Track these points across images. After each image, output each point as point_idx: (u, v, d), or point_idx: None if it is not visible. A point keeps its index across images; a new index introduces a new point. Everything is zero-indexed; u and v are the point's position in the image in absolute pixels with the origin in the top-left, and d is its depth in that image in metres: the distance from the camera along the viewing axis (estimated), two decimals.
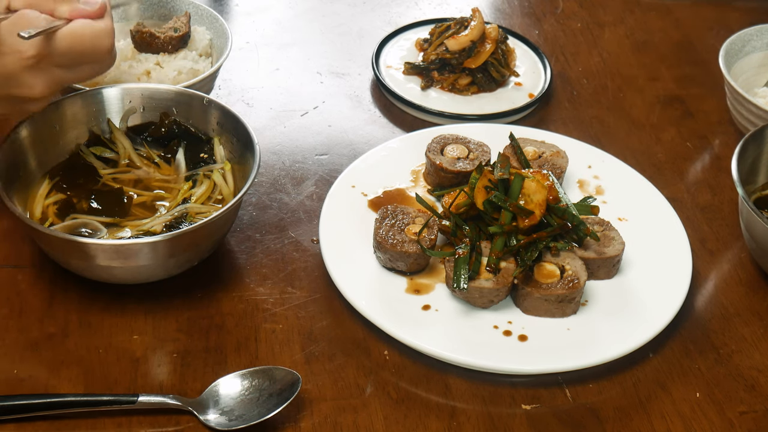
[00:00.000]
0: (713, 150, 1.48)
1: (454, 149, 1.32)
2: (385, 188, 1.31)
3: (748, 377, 1.15)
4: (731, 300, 1.24)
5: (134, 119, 1.28)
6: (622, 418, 1.09)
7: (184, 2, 1.49)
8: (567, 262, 1.17)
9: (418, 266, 1.20)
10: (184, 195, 1.21)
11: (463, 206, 1.21)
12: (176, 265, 1.14)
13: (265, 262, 1.23)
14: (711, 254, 1.30)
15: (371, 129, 1.47)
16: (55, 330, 1.12)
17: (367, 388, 1.10)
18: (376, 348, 1.14)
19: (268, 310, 1.17)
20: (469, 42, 1.51)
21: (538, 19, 1.74)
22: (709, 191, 1.40)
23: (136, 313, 1.15)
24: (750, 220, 1.21)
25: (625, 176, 1.36)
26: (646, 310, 1.17)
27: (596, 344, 1.13)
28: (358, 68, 1.58)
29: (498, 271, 1.16)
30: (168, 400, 1.04)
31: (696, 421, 1.09)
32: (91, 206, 1.19)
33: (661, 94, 1.58)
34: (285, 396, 1.04)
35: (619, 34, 1.72)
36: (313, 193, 1.34)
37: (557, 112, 1.53)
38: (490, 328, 1.15)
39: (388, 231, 1.20)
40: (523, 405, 1.09)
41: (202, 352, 1.11)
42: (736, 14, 1.77)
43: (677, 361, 1.16)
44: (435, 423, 1.07)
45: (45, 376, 1.08)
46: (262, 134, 1.42)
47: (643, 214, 1.30)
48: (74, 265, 1.13)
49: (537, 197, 1.18)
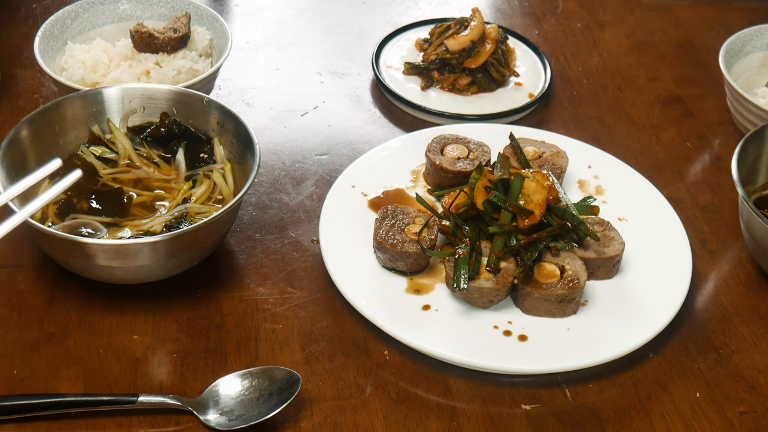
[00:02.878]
0: (713, 150, 1.48)
1: (454, 149, 1.32)
2: (385, 188, 1.31)
3: (748, 377, 1.15)
4: (731, 300, 1.24)
5: (134, 119, 1.28)
6: (622, 418, 1.09)
7: (184, 2, 1.49)
8: (567, 262, 1.17)
9: (418, 266, 1.20)
10: (184, 195, 1.21)
11: (463, 206, 1.21)
12: (176, 265, 1.14)
13: (265, 262, 1.23)
14: (711, 254, 1.30)
15: (371, 129, 1.47)
16: (55, 330, 1.12)
17: (367, 388, 1.10)
18: (376, 348, 1.14)
19: (268, 310, 1.17)
20: (469, 42, 1.51)
21: (538, 19, 1.74)
22: (709, 191, 1.40)
23: (136, 313, 1.15)
24: (750, 220, 1.21)
25: (625, 176, 1.36)
26: (646, 310, 1.17)
27: (596, 344, 1.13)
28: (358, 68, 1.58)
29: (498, 271, 1.16)
30: (168, 400, 1.04)
31: (696, 421, 1.09)
32: (91, 206, 1.19)
33: (661, 94, 1.58)
34: (285, 396, 1.04)
35: (619, 34, 1.72)
36: (313, 193, 1.34)
37: (557, 112, 1.53)
38: (490, 328, 1.15)
39: (388, 231, 1.20)
40: (523, 405, 1.09)
41: (202, 352, 1.11)
42: (736, 14, 1.77)
43: (677, 361, 1.16)
44: (435, 423, 1.07)
45: (45, 376, 1.08)
46: (262, 134, 1.42)
47: (643, 214, 1.30)
48: (74, 265, 1.13)
49: (537, 197, 1.18)
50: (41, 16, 1.60)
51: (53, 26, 1.42)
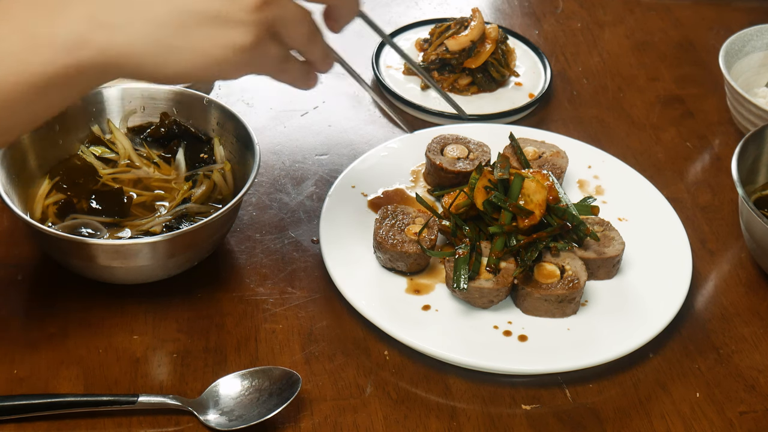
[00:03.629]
0: (713, 150, 1.48)
1: (454, 149, 1.32)
2: (385, 188, 1.31)
3: (748, 377, 1.15)
4: (731, 300, 1.24)
5: (134, 119, 1.28)
6: (622, 418, 1.09)
7: None
8: (567, 262, 1.17)
9: (418, 266, 1.20)
10: (184, 195, 1.21)
11: (463, 206, 1.21)
12: (176, 265, 1.14)
13: (265, 262, 1.23)
14: (711, 254, 1.30)
15: (371, 129, 1.47)
16: (55, 330, 1.12)
17: (367, 388, 1.10)
18: (376, 348, 1.14)
19: (268, 310, 1.17)
20: (469, 42, 1.51)
21: (538, 19, 1.74)
22: (709, 191, 1.40)
23: (136, 313, 1.15)
24: (750, 220, 1.21)
25: (625, 176, 1.36)
26: (646, 310, 1.17)
27: (596, 344, 1.13)
28: (358, 68, 1.56)
29: (498, 272, 1.16)
30: (168, 401, 1.04)
31: (696, 421, 1.09)
32: (91, 206, 1.19)
33: (661, 94, 1.58)
34: (285, 396, 1.04)
35: (619, 34, 1.72)
36: (313, 193, 1.34)
37: (557, 112, 1.53)
38: (490, 328, 1.15)
39: (388, 231, 1.20)
40: (523, 405, 1.09)
41: (202, 352, 1.11)
42: (736, 14, 1.77)
43: (677, 361, 1.16)
44: (435, 423, 1.07)
45: (45, 376, 1.08)
46: (262, 134, 1.42)
47: (643, 214, 1.30)
48: (74, 265, 1.13)
49: (537, 197, 1.18)
50: None
51: None
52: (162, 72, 0.89)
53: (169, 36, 0.87)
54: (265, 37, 0.91)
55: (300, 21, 0.93)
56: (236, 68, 0.91)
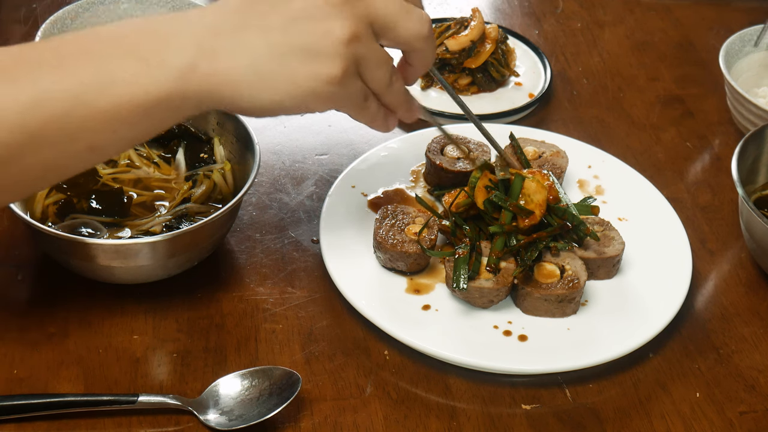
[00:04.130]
0: (713, 150, 1.48)
1: (454, 149, 1.32)
2: (385, 188, 1.31)
3: (748, 377, 1.15)
4: (731, 300, 1.24)
5: None
6: (622, 418, 1.09)
7: (184, 2, 1.49)
8: (567, 262, 1.17)
9: (418, 266, 1.20)
10: (184, 195, 1.21)
11: (463, 206, 1.21)
12: (176, 265, 1.14)
13: (265, 262, 1.23)
14: (711, 254, 1.30)
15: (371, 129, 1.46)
16: (55, 330, 1.12)
17: (367, 388, 1.10)
18: (376, 348, 1.14)
19: (268, 310, 1.17)
20: (469, 42, 1.51)
21: (538, 19, 1.74)
22: (709, 191, 1.40)
23: (136, 313, 1.15)
24: (750, 220, 1.21)
25: (625, 176, 1.36)
26: (646, 310, 1.17)
27: (596, 344, 1.13)
28: None
29: (498, 271, 1.16)
30: (168, 400, 1.04)
31: (696, 421, 1.09)
32: (91, 206, 1.19)
33: (661, 94, 1.58)
34: (285, 396, 1.04)
35: (619, 34, 1.72)
36: (313, 193, 1.34)
37: (557, 112, 1.53)
38: (490, 328, 1.15)
39: (388, 231, 1.20)
40: (523, 405, 1.09)
41: (202, 352, 1.11)
42: (736, 14, 1.77)
43: (677, 361, 1.16)
44: (435, 423, 1.07)
45: (45, 376, 1.08)
46: (262, 134, 1.42)
47: (643, 214, 1.30)
48: (74, 265, 1.13)
49: (537, 197, 1.18)
50: (41, 16, 1.60)
51: (53, 26, 1.42)
52: (258, 101, 0.91)
53: (266, 66, 0.90)
54: (352, 72, 0.93)
55: (382, 63, 0.95)
56: (323, 100, 0.93)
